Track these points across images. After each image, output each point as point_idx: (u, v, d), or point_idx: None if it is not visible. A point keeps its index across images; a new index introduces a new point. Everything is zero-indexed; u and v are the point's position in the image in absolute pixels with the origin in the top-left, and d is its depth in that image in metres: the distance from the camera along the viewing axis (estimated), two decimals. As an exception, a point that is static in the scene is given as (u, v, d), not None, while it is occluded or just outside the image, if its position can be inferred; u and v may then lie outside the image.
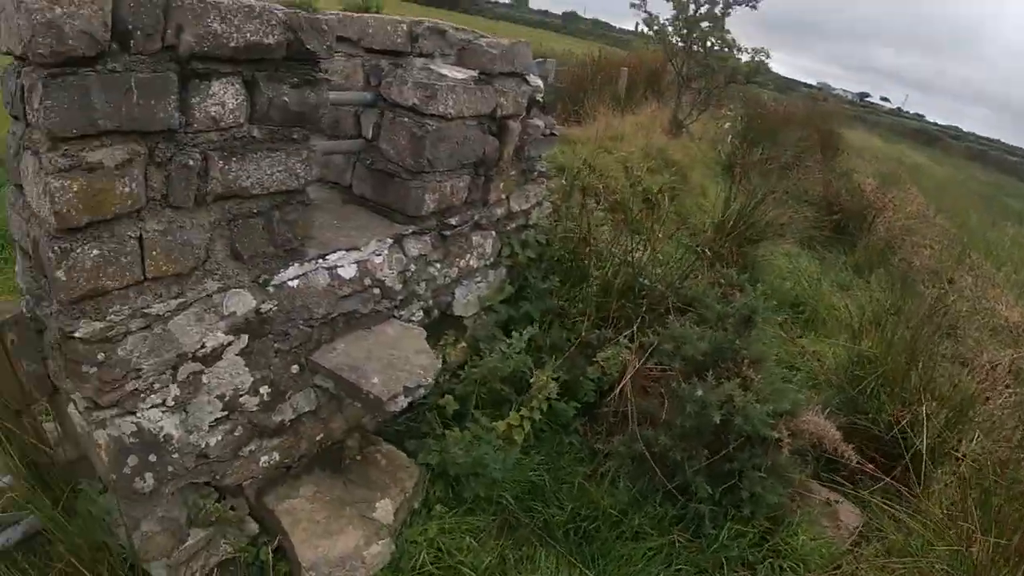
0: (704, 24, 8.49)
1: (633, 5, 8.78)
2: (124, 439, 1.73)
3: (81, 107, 1.40)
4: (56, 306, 1.58)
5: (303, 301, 2.15)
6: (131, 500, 1.81)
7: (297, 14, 1.73)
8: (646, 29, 8.98)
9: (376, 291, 2.43)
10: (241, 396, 2.02)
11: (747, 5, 8.49)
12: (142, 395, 1.75)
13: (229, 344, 1.95)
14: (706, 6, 8.50)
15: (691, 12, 8.54)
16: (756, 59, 8.74)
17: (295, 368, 2.19)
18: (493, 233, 3.05)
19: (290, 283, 2.11)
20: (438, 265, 2.74)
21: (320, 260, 2.22)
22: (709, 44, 8.55)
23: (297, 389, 2.21)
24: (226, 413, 1.99)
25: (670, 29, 8.69)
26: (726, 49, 8.48)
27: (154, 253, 1.68)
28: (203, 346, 1.87)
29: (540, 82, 2.96)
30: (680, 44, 8.66)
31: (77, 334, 1.58)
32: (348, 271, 2.31)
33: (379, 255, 2.44)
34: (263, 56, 1.72)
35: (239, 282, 1.95)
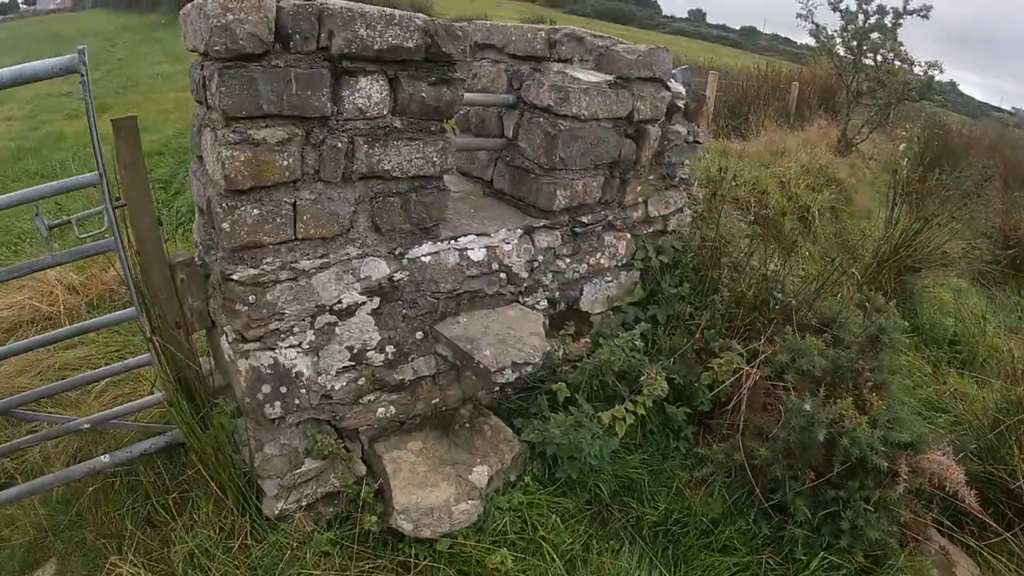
0: (874, 35, 7.77)
1: (800, 15, 8.28)
2: (261, 369, 2.10)
3: (249, 94, 1.76)
4: (221, 252, 1.98)
5: (432, 275, 2.42)
6: (259, 424, 2.19)
7: (434, 21, 1.99)
8: (813, 41, 8.41)
9: (502, 275, 2.64)
10: (368, 351, 2.33)
11: (919, 15, 7.67)
12: (282, 335, 2.11)
13: (362, 304, 2.27)
14: (876, 16, 7.77)
15: (860, 23, 7.85)
16: (929, 73, 7.82)
17: (419, 335, 2.46)
18: (628, 235, 3.13)
19: (423, 258, 2.39)
20: (567, 260, 2.89)
21: (452, 241, 2.48)
22: (880, 57, 7.80)
23: (419, 354, 2.49)
24: (353, 363, 2.30)
25: (838, 41, 8.05)
26: (897, 62, 7.68)
27: (305, 218, 2.03)
28: (339, 302, 2.20)
29: (682, 88, 2.99)
30: (849, 57, 7.99)
31: (235, 277, 1.96)
32: (477, 254, 2.54)
33: (508, 243, 2.64)
34: (404, 57, 2.00)
35: (376, 251, 2.26)
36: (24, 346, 2.26)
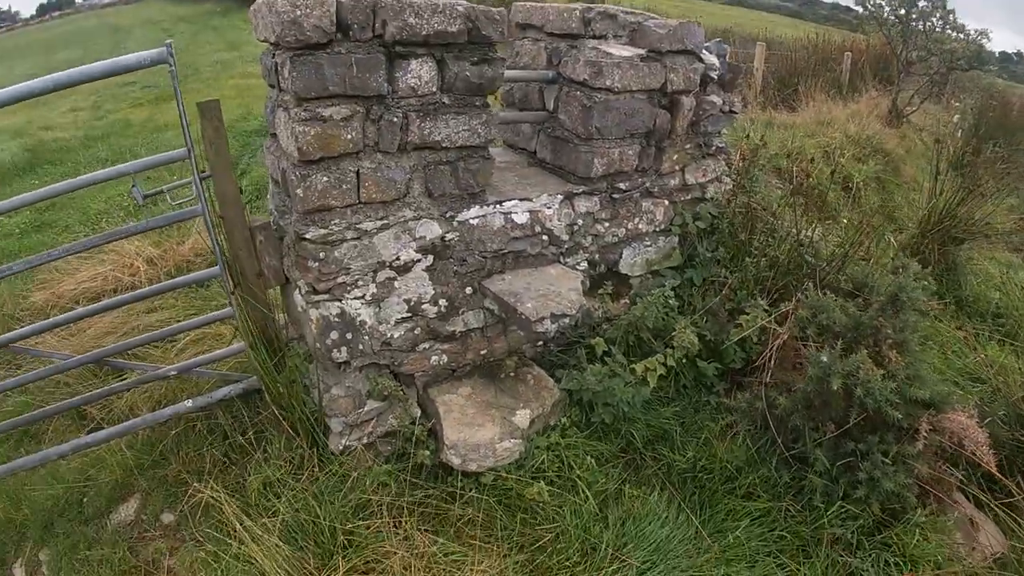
0: (922, 3, 7.64)
1: None
2: (330, 318, 2.46)
3: (317, 77, 2.09)
4: (295, 215, 2.33)
5: (480, 236, 2.73)
6: (327, 368, 2.55)
7: (474, 8, 2.28)
8: (861, 9, 8.30)
9: (544, 237, 2.93)
10: (423, 304, 2.67)
11: None
12: (348, 288, 2.46)
13: (418, 261, 2.60)
14: None
15: None
16: (977, 42, 7.65)
17: (469, 290, 2.78)
18: (665, 202, 3.37)
19: (471, 220, 2.70)
20: (606, 224, 3.16)
21: (497, 205, 2.78)
22: (929, 24, 7.67)
23: (469, 308, 2.81)
24: (410, 315, 2.64)
25: (887, 9, 7.95)
26: (949, 30, 7.55)
27: (367, 184, 2.36)
28: (398, 259, 2.54)
29: (715, 60, 3.21)
30: (898, 25, 7.88)
31: (307, 236, 2.32)
32: (520, 217, 2.84)
33: (549, 208, 2.93)
34: (449, 41, 2.30)
35: (429, 214, 2.58)
36: (115, 303, 2.68)
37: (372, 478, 2.52)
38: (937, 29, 7.92)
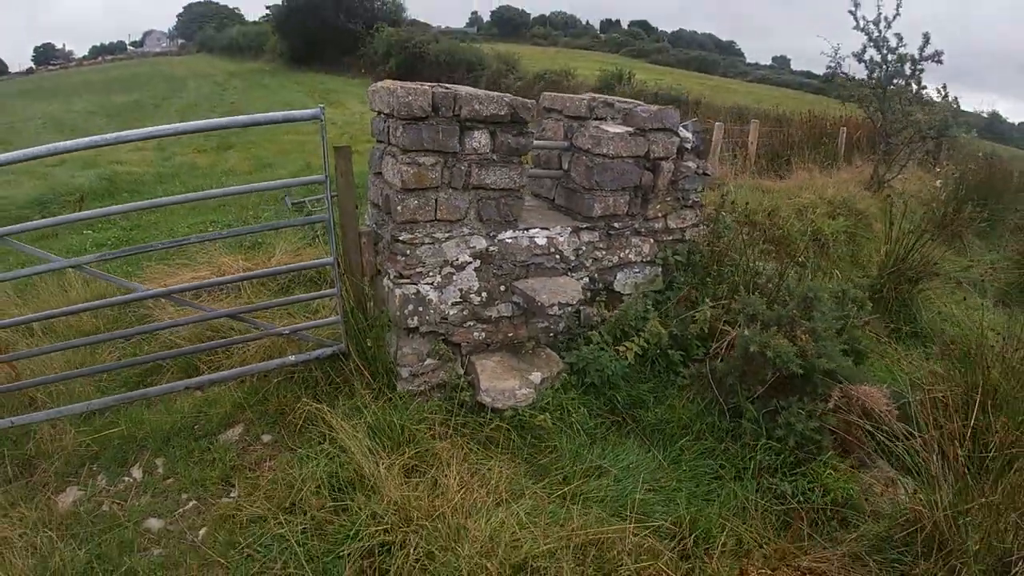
0: (897, 81, 9.34)
1: (829, 68, 9.94)
2: (408, 295, 3.97)
3: (417, 137, 3.67)
4: (391, 225, 3.88)
5: (512, 250, 4.24)
6: (401, 333, 4.05)
7: (515, 99, 3.87)
8: (841, 88, 10.06)
9: (557, 256, 4.44)
10: (471, 294, 4.17)
11: (933, 61, 9.22)
12: (422, 276, 3.98)
13: (470, 263, 4.11)
14: (896, 65, 9.36)
15: (883, 72, 9.46)
16: (947, 111, 9.28)
17: (502, 287, 4.28)
18: (651, 240, 4.87)
19: (507, 239, 4.22)
20: (603, 251, 4.66)
21: (525, 231, 4.30)
22: (904, 97, 9.37)
23: (502, 300, 4.30)
24: (461, 300, 4.14)
25: (867, 89, 9.66)
26: (914, 104, 9.22)
27: (441, 208, 3.91)
28: (457, 260, 4.06)
29: (689, 135, 4.76)
30: (874, 100, 9.56)
31: (400, 238, 3.86)
32: (541, 240, 4.36)
33: (561, 236, 4.45)
34: (498, 120, 3.88)
35: (479, 232, 4.11)
36: (243, 276, 4.26)
37: (429, 405, 3.97)
38: (908, 104, 9.56)
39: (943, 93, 10.82)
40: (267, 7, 52.14)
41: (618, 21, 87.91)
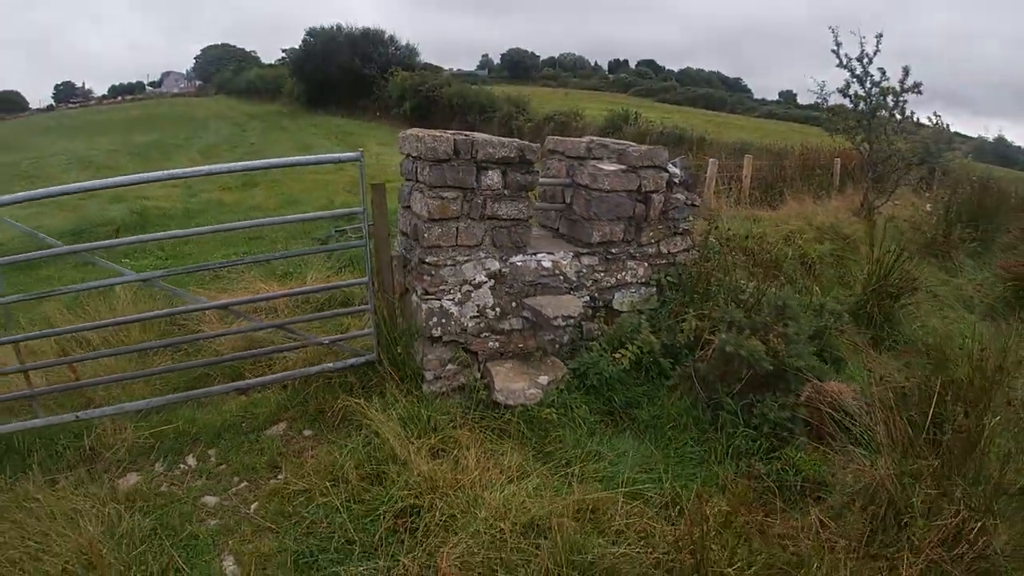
0: (880, 113, 10.23)
1: (817, 103, 10.87)
2: (433, 309, 4.81)
3: (441, 176, 4.55)
4: (419, 250, 4.74)
5: (522, 272, 5.08)
6: (426, 341, 4.88)
7: (523, 144, 4.75)
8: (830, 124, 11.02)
9: (560, 277, 5.27)
10: (487, 309, 5.00)
11: (913, 92, 10.25)
12: (445, 293, 4.82)
13: (485, 282, 4.95)
14: (878, 98, 10.29)
15: (867, 105, 10.42)
16: (923, 143, 10.15)
17: (514, 304, 5.11)
18: (645, 264, 5.69)
19: (517, 262, 5.07)
20: (602, 273, 5.48)
21: (533, 255, 5.14)
22: (890, 131, 10.28)
23: (514, 315, 5.12)
24: (478, 314, 4.97)
25: (852, 122, 10.58)
26: (897, 135, 10.13)
27: (461, 235, 4.77)
28: (475, 279, 4.90)
29: (677, 171, 5.61)
30: (860, 131, 10.47)
31: (427, 260, 4.71)
32: (546, 263, 5.20)
33: (565, 260, 5.28)
34: (509, 161, 4.76)
35: (493, 256, 4.95)
36: (287, 293, 5.10)
37: (451, 403, 4.78)
38: (892, 133, 10.51)
39: (935, 120, 11.80)
40: (283, 51, 54.55)
41: (626, 61, 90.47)
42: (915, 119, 10.76)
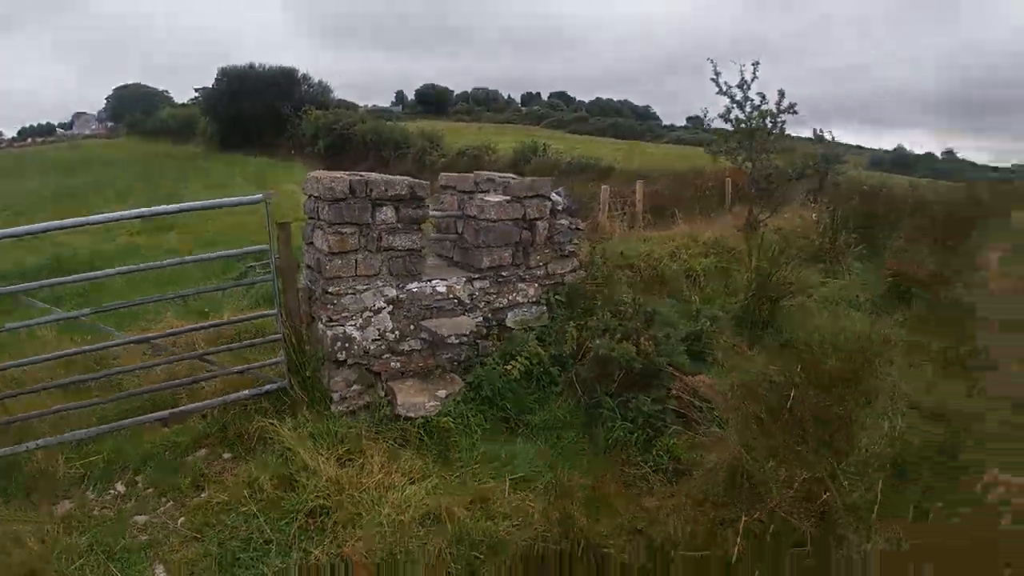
0: (758, 134, 11.63)
1: (706, 130, 12.05)
2: (337, 335, 5.41)
3: (339, 214, 5.18)
4: (322, 281, 5.34)
5: (418, 297, 5.72)
6: (332, 365, 5.46)
7: (414, 181, 5.42)
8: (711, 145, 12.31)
9: (454, 300, 5.93)
10: (387, 332, 5.61)
11: (789, 112, 11.64)
12: (347, 319, 5.42)
13: (384, 308, 5.57)
14: (757, 120, 11.67)
15: (746, 127, 11.78)
16: (807, 157, 11.48)
17: (412, 326, 5.73)
18: (535, 285, 6.40)
19: (413, 289, 5.71)
20: (494, 295, 6.16)
21: (428, 282, 5.79)
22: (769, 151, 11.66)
23: (413, 337, 5.74)
24: (379, 338, 5.58)
25: (734, 144, 11.96)
26: (773, 153, 11.51)
27: (359, 266, 5.39)
28: (374, 306, 5.52)
29: (559, 199, 6.37)
30: (741, 151, 11.84)
31: (329, 290, 5.31)
32: (440, 288, 5.85)
33: (457, 284, 5.95)
34: (401, 197, 5.42)
35: (390, 284, 5.59)
36: (209, 324, 5.62)
37: (357, 419, 5.35)
38: (770, 152, 11.73)
39: (819, 135, 13.12)
40: (196, 90, 54.23)
41: (539, 94, 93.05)
42: (791, 136, 12.05)
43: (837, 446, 4.69)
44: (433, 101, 79.54)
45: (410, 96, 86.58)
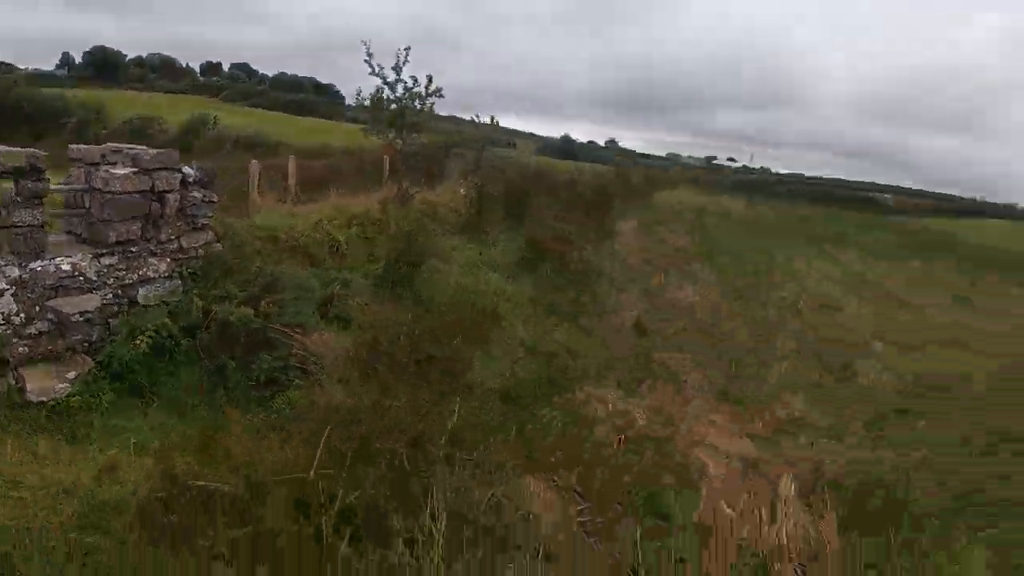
0: (407, 115, 14.68)
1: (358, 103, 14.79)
2: (-43, 317, 6.39)
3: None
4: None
5: (42, 276, 6.91)
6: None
7: (32, 152, 6.57)
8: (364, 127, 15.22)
9: (81, 278, 7.23)
10: (12, 316, 6.74)
11: (437, 96, 15.14)
12: (-34, 301, 6.41)
13: (7, 289, 6.68)
14: (407, 101, 14.74)
15: (393, 107, 14.81)
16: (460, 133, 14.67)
17: (38, 308, 6.87)
18: (168, 259, 7.83)
19: (37, 268, 6.89)
20: (123, 272, 7.50)
21: (52, 260, 7.00)
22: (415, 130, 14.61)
23: (39, 319, 6.94)
24: (4, 321, 6.68)
25: (384, 124, 14.96)
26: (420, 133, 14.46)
27: (-26, 247, 6.38)
28: (-6, 289, 6.56)
29: (192, 171, 7.82)
30: (392, 131, 14.57)
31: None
32: (65, 266, 7.10)
33: (84, 262, 7.25)
34: (20, 170, 6.49)
35: (12, 263, 6.69)
36: None
37: (-17, 406, 6.41)
38: (416, 132, 14.41)
39: (479, 120, 16.20)
40: None
41: (219, 64, 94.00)
42: (448, 118, 14.88)
43: (454, 383, 6.84)
44: (104, 65, 78.11)
45: (78, 59, 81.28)
